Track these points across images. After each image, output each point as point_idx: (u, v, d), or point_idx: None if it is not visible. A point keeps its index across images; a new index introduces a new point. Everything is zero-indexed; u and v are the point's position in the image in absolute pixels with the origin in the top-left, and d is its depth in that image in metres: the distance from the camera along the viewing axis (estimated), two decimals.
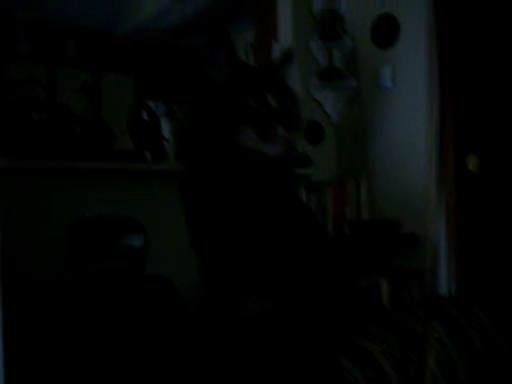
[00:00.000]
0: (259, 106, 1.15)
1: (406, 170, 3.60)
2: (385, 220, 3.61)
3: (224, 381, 1.16)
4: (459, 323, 1.35)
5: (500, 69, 3.19)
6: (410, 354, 1.15)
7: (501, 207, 3.14)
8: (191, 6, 5.61)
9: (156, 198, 3.11)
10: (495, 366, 1.32)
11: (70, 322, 2.42)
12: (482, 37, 3.25)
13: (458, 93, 3.28)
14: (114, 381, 2.27)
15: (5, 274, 2.54)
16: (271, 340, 1.09)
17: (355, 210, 3.69)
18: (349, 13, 3.97)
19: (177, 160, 3.35)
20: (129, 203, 2.98)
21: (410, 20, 3.60)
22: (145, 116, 3.46)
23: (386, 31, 3.73)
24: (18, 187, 2.66)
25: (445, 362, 1.20)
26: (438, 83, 2.96)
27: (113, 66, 6.54)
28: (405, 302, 3.14)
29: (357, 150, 3.96)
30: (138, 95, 6.33)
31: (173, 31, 6.30)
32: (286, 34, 3.93)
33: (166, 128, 3.46)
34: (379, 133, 3.81)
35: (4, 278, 2.54)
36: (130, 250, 2.83)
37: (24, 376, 2.46)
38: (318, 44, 3.93)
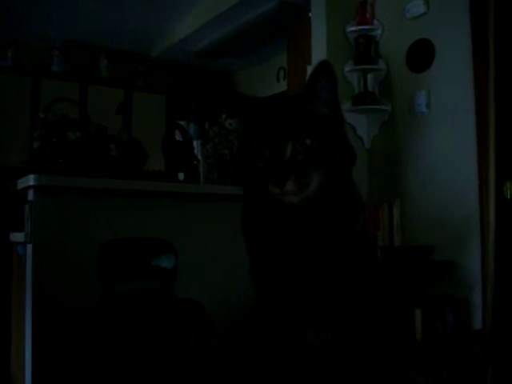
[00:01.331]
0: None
1: (439, 196, 3.55)
2: (418, 246, 3.55)
3: None
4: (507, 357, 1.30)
5: None
6: None
7: None
8: (223, 30, 5.64)
9: (187, 219, 3.09)
10: None
11: (100, 343, 2.40)
12: None
13: (498, 119, 3.22)
14: None
15: (36, 291, 2.54)
16: (331, 372, 1.05)
17: (387, 235, 3.64)
18: (383, 37, 3.97)
19: (207, 182, 3.34)
20: (160, 224, 2.97)
21: (446, 44, 3.58)
22: (178, 137, 3.46)
23: (420, 55, 3.71)
24: (52, 205, 2.66)
25: None
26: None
27: (144, 86, 6.60)
28: (453, 334, 3.07)
29: (389, 175, 3.91)
30: (170, 116, 6.36)
31: (204, 54, 6.33)
32: (320, 58, 3.91)
33: (198, 149, 3.46)
34: (413, 157, 3.76)
35: (35, 294, 2.54)
36: (160, 271, 2.81)
37: None
38: (352, 68, 3.93)
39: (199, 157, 3.39)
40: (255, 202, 1.23)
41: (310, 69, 3.76)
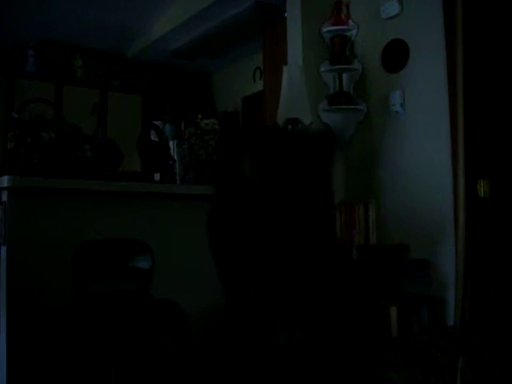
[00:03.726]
0: None
1: (415, 194, 3.58)
2: (393, 245, 3.58)
3: None
4: (479, 352, 1.32)
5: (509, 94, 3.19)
6: None
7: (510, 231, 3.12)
8: (199, 30, 5.64)
9: (163, 219, 3.08)
10: None
11: (76, 343, 2.38)
12: (493, 61, 3.26)
13: (468, 117, 3.26)
14: None
15: (10, 293, 2.52)
16: (299, 371, 1.06)
17: (363, 234, 3.66)
18: (359, 37, 4.00)
19: (183, 182, 3.34)
20: (136, 225, 2.96)
21: (420, 45, 3.61)
22: (153, 137, 3.45)
23: (395, 56, 3.74)
24: (26, 206, 2.64)
25: None
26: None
27: (120, 86, 6.56)
28: (428, 330, 3.10)
29: (365, 174, 3.94)
30: (146, 116, 6.33)
31: (181, 53, 6.31)
32: (295, 58, 3.94)
33: (173, 149, 3.45)
34: (388, 156, 3.79)
35: (9, 296, 2.51)
36: (136, 272, 2.81)
37: None
38: (328, 68, 3.95)
39: (175, 157, 3.38)
40: (225, 198, 1.26)
41: (285, 69, 3.76)
